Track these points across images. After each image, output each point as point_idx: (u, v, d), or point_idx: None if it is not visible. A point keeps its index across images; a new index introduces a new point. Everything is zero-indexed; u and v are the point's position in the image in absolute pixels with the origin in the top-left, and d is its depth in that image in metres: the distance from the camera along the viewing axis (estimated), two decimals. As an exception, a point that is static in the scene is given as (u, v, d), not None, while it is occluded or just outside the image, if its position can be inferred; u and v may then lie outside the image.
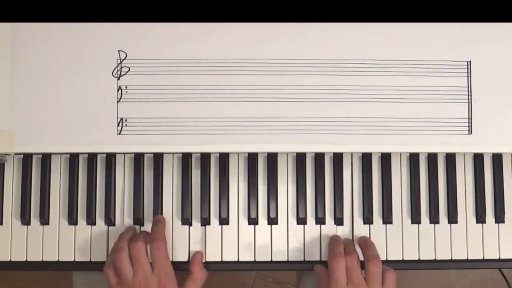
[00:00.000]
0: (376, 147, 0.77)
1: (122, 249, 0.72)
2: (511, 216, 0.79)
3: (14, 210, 0.79)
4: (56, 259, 0.78)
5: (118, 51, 0.77)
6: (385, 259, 0.78)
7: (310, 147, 0.77)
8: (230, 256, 0.78)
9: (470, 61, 0.77)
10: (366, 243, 0.76)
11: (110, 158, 0.79)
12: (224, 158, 0.79)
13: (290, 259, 0.78)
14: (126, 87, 0.77)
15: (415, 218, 0.78)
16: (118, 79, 0.77)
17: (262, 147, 0.77)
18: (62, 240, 0.78)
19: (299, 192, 0.79)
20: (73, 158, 0.79)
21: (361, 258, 0.75)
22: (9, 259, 0.78)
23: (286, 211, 0.79)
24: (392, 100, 0.77)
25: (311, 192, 0.79)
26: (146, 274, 0.71)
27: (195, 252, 0.77)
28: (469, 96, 0.77)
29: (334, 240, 0.77)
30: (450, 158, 0.79)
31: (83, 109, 0.76)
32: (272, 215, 0.78)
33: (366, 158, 0.79)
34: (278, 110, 0.76)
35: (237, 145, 0.77)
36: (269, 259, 0.78)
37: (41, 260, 0.78)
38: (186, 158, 0.79)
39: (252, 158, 0.79)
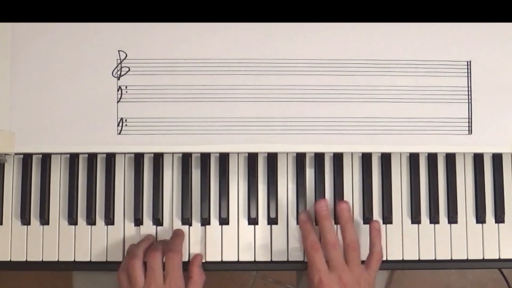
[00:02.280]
0: (376, 147, 0.77)
1: (137, 257, 0.72)
2: (511, 216, 0.79)
3: (14, 210, 0.79)
4: (56, 259, 0.78)
5: (118, 51, 0.77)
6: (385, 259, 0.78)
7: (310, 147, 0.77)
8: (230, 256, 0.78)
9: (470, 61, 0.77)
10: (346, 226, 0.75)
11: (110, 158, 0.79)
12: (224, 158, 0.79)
13: (290, 259, 0.78)
14: (126, 87, 0.77)
15: (415, 218, 0.78)
16: (118, 79, 0.77)
17: (262, 147, 0.77)
18: (62, 240, 0.78)
19: (299, 192, 0.79)
20: (73, 158, 0.79)
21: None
22: (9, 259, 0.78)
23: (286, 211, 0.79)
24: (392, 100, 0.77)
25: (311, 192, 0.79)
26: (158, 286, 0.70)
27: (195, 254, 0.77)
28: (469, 96, 0.77)
29: (304, 224, 0.76)
30: (450, 158, 0.79)
31: (83, 109, 0.76)
32: (272, 215, 0.78)
33: (366, 158, 0.79)
34: (278, 110, 0.76)
35: (237, 145, 0.77)
36: (269, 259, 0.78)
37: (41, 260, 0.78)
38: (186, 158, 0.79)
39: (252, 158, 0.79)
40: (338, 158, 0.79)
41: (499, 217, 0.79)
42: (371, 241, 0.76)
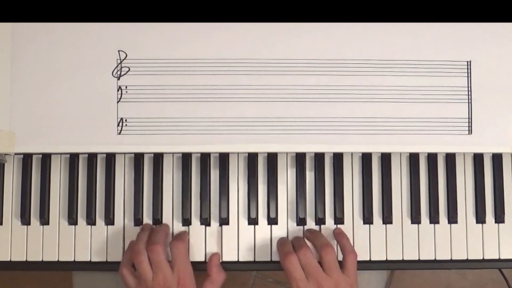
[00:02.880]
0: (376, 147, 0.77)
1: (142, 252, 0.72)
2: (511, 216, 0.79)
3: (14, 210, 0.79)
4: (56, 259, 0.78)
5: (118, 51, 0.77)
6: (385, 259, 0.78)
7: (310, 147, 0.77)
8: (230, 256, 0.78)
9: (470, 61, 0.77)
10: (313, 234, 0.76)
11: (110, 158, 0.79)
12: (224, 158, 0.79)
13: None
14: (126, 87, 0.77)
15: (415, 218, 0.78)
16: (118, 79, 0.77)
17: (262, 147, 0.77)
18: (62, 240, 0.78)
19: (299, 192, 0.79)
20: (73, 158, 0.79)
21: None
22: (9, 259, 0.78)
23: (286, 211, 0.79)
24: (392, 100, 0.77)
25: (311, 192, 0.79)
26: (166, 276, 0.71)
27: (212, 254, 0.77)
28: (469, 96, 0.77)
29: (280, 240, 0.77)
30: (450, 158, 0.79)
31: (83, 109, 0.76)
32: (272, 215, 0.78)
33: (366, 158, 0.79)
34: (278, 110, 0.76)
35: (237, 145, 0.77)
36: (269, 259, 0.78)
37: (41, 260, 0.78)
38: (186, 158, 0.79)
39: (252, 158, 0.79)
40: (338, 158, 0.79)
41: (499, 217, 0.79)
42: (340, 244, 0.75)
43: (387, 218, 0.78)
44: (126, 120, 0.77)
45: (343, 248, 0.74)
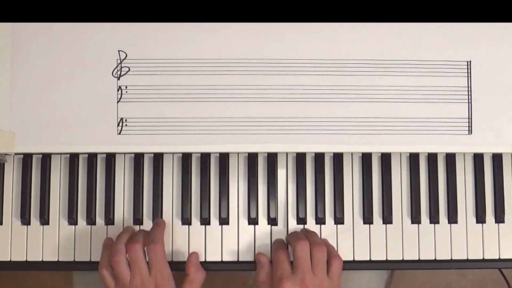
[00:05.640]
0: (376, 147, 0.77)
1: (120, 252, 0.72)
2: (511, 216, 0.79)
3: (14, 210, 0.79)
4: (56, 259, 0.78)
5: (118, 51, 0.77)
6: (385, 259, 0.78)
7: (310, 147, 0.77)
8: (230, 256, 0.78)
9: (470, 61, 0.77)
10: (308, 233, 0.76)
11: (110, 158, 0.79)
12: (224, 158, 0.79)
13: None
14: (126, 87, 0.77)
15: (415, 218, 0.78)
16: (118, 79, 0.77)
17: (262, 147, 0.77)
18: (62, 240, 0.78)
19: (299, 192, 0.79)
20: (73, 158, 0.79)
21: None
22: (9, 259, 0.78)
23: (286, 211, 0.79)
24: (392, 100, 0.77)
25: (311, 192, 0.79)
26: (143, 277, 0.71)
27: (190, 253, 0.77)
28: (469, 96, 0.77)
29: (276, 240, 0.78)
30: (450, 158, 0.79)
31: (83, 109, 0.76)
32: (272, 215, 0.78)
33: (366, 158, 0.79)
34: (278, 110, 0.77)
35: (237, 145, 0.77)
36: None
37: (41, 260, 0.78)
38: (186, 158, 0.79)
39: (252, 158, 0.79)
40: (338, 158, 0.79)
41: (499, 217, 0.79)
42: (327, 251, 0.75)
43: (387, 218, 0.78)
44: (126, 120, 0.77)
45: (329, 253, 0.74)
